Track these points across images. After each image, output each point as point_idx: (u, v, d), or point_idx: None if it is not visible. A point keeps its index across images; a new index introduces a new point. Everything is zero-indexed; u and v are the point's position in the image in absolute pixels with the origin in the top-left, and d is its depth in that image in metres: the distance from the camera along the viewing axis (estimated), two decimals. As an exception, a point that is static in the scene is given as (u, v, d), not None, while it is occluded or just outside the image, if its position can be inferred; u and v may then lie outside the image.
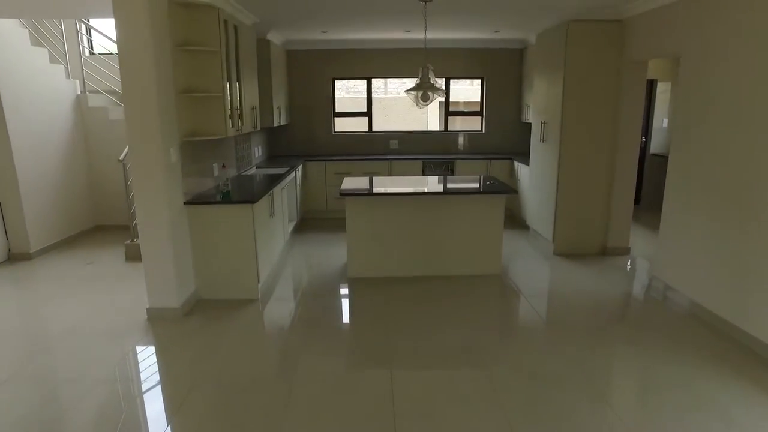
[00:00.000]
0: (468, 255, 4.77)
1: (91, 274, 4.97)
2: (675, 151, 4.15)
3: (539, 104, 5.80)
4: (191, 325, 3.77)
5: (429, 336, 3.54)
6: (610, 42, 4.98)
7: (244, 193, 4.47)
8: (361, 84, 7.98)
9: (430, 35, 6.52)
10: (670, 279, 4.20)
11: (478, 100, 7.66)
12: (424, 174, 7.12)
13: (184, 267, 3.96)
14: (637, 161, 5.27)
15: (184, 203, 3.97)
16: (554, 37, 5.30)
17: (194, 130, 4.13)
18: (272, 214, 4.73)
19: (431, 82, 4.47)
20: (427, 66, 4.50)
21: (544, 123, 5.57)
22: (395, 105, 9.96)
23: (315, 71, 7.30)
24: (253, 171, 6.09)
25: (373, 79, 7.52)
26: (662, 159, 7.30)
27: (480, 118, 7.68)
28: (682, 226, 4.05)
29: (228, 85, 4.28)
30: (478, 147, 7.65)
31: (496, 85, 7.44)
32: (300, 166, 6.64)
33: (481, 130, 7.69)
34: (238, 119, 4.60)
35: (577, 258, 5.34)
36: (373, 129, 7.63)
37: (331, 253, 5.56)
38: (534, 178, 5.99)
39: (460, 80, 7.49)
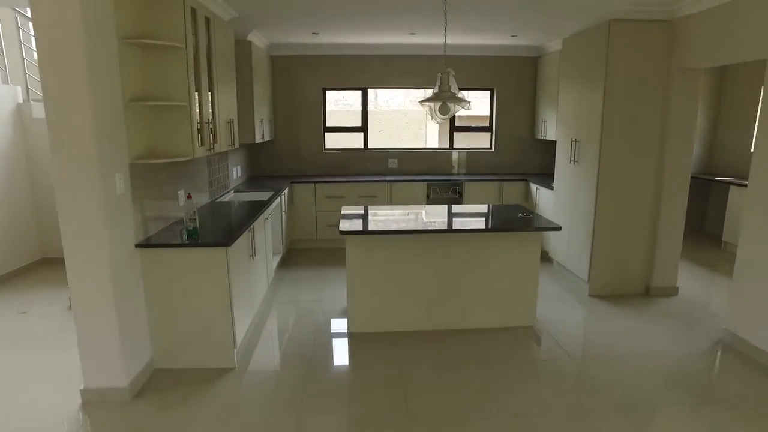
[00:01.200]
0: (496, 304, 3.87)
1: (21, 329, 3.93)
2: (759, 179, 3.34)
3: (568, 120, 4.98)
4: (143, 412, 2.78)
5: (461, 426, 2.62)
6: (658, 47, 4.19)
7: (218, 229, 3.52)
8: (352, 95, 7.12)
9: (436, 40, 5.69)
10: (751, 335, 3.36)
11: (487, 114, 6.84)
12: (428, 197, 6.25)
13: (135, 330, 2.98)
14: (688, 186, 4.46)
15: (137, 246, 3.01)
16: (589, 41, 4.50)
17: (152, 149, 3.18)
18: (253, 255, 3.78)
19: (452, 91, 3.60)
20: (447, 71, 3.64)
21: (576, 141, 4.75)
22: (391, 119, 9.09)
23: (304, 80, 6.40)
24: (230, 196, 5.13)
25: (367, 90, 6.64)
26: (702, 181, 6.56)
27: (489, 134, 6.86)
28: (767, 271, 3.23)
29: (197, 93, 3.35)
30: (487, 166, 6.81)
31: (507, 97, 6.63)
32: (286, 189, 5.70)
33: (490, 148, 6.86)
34: (210, 135, 3.66)
35: (617, 301, 4.48)
36: (369, 146, 6.74)
37: (325, 295, 4.61)
38: (561, 205, 5.15)
39: (468, 91, 6.71)
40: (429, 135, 9.02)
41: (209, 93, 3.65)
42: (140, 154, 3.05)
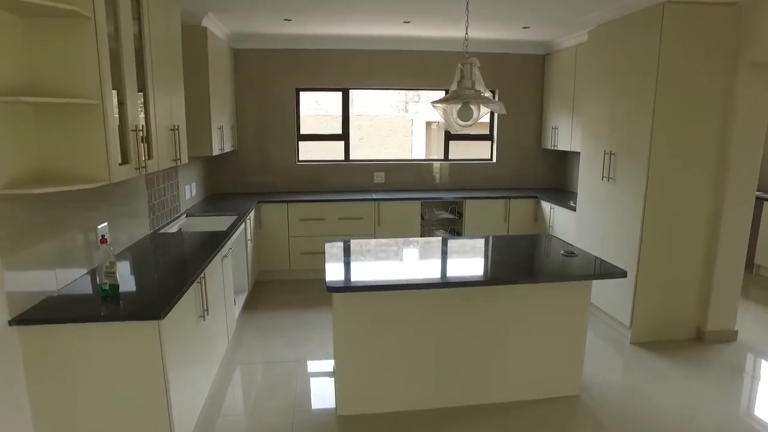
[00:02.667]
0: (531, 370, 2.93)
1: None
2: None
3: (597, 128, 4.10)
4: None
5: None
6: (723, 36, 3.37)
7: (149, 285, 2.46)
8: (327, 98, 6.13)
9: (434, 32, 4.77)
10: None
11: (487, 120, 5.95)
12: (423, 218, 5.29)
13: (7, 458, 1.90)
14: (752, 210, 3.64)
15: (11, 322, 1.93)
16: (629, 30, 3.64)
17: (41, 171, 2.11)
18: (204, 314, 2.72)
19: (477, 89, 2.65)
20: (470, 61, 2.69)
21: (612, 155, 3.87)
22: (371, 125, 8.08)
23: (273, 78, 5.37)
24: (181, 223, 4.05)
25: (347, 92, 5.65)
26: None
27: (490, 143, 5.96)
28: None
29: (116, 90, 2.30)
30: (488, 180, 5.91)
31: (511, 101, 5.74)
32: (252, 211, 4.65)
33: (491, 159, 5.96)
34: (141, 149, 2.59)
35: (667, 350, 3.61)
36: (351, 157, 5.75)
37: (303, 352, 3.57)
38: (588, 230, 4.26)
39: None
40: (416, 144, 8.06)
41: (140, 91, 2.60)
42: (16, 180, 1.98)
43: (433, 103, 2.74)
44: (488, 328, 2.83)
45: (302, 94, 5.57)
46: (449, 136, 5.83)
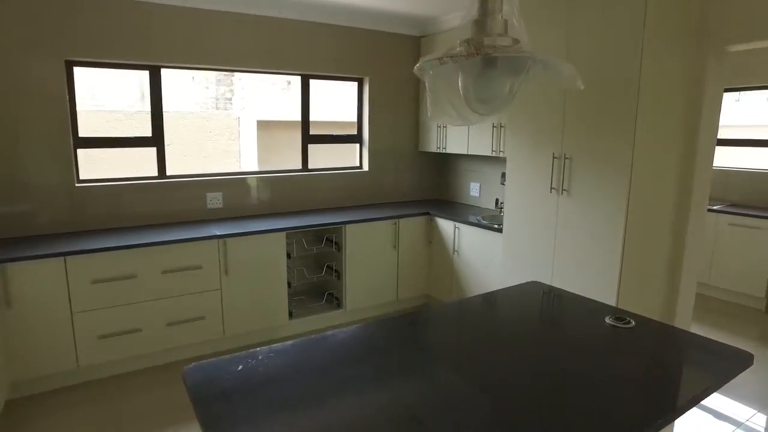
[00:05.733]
0: None
1: None
2: None
3: (539, 124, 3.12)
4: None
5: None
6: (689, 22, 2.66)
7: None
8: (116, 88, 4.14)
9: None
10: None
11: (355, 118, 4.63)
12: (290, 257, 3.74)
13: None
14: (703, 223, 3.08)
15: None
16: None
17: None
18: None
19: (517, 42, 1.31)
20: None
21: (566, 158, 2.92)
22: (186, 125, 5.88)
23: (20, 45, 3.16)
24: None
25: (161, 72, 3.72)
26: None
27: (358, 146, 4.66)
28: None
29: None
30: (360, 195, 4.60)
31: (383, 92, 4.55)
32: (-9, 282, 2.51)
33: (360, 167, 4.67)
34: None
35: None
36: (170, 172, 3.83)
37: None
38: (530, 257, 3.28)
39: (323, 81, 4.39)
40: (245, 151, 6.12)
41: None
42: None
43: (425, 60, 1.31)
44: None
45: (79, 72, 3.43)
46: (309, 139, 4.34)
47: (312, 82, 4.25)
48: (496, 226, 3.61)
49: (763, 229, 4.33)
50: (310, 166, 4.39)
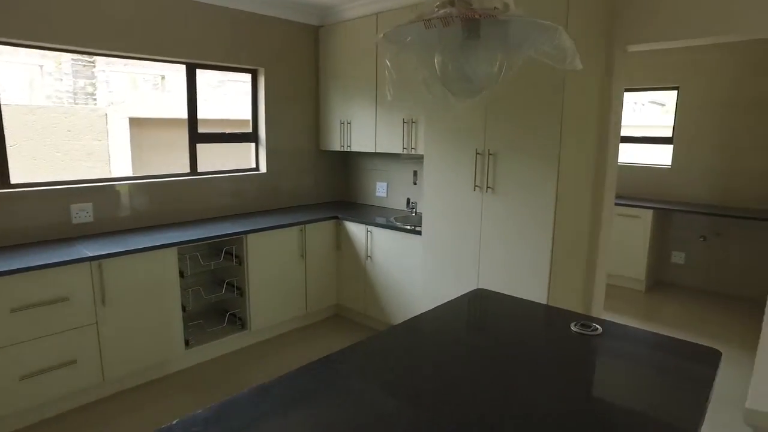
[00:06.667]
0: None
1: None
2: None
3: (459, 119, 2.97)
4: None
5: None
6: (598, 22, 2.70)
7: None
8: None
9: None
10: None
11: (249, 114, 4.14)
12: (183, 275, 3.18)
13: None
14: (612, 217, 3.19)
15: None
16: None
17: None
18: None
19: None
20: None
21: (492, 155, 2.80)
22: (34, 122, 4.75)
23: None
24: None
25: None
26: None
27: (254, 145, 4.18)
28: None
29: None
30: (260, 199, 4.14)
31: (280, 86, 4.12)
32: None
33: (257, 168, 4.20)
34: None
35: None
36: (15, 180, 3.04)
37: None
38: (453, 259, 3.13)
39: (213, 71, 3.81)
40: (115, 152, 5.16)
41: None
42: None
43: (410, 22, 1.00)
44: None
45: None
46: (197, 137, 3.77)
47: (199, 72, 3.69)
48: (412, 228, 3.42)
49: (641, 218, 4.71)
50: (199, 169, 3.82)
